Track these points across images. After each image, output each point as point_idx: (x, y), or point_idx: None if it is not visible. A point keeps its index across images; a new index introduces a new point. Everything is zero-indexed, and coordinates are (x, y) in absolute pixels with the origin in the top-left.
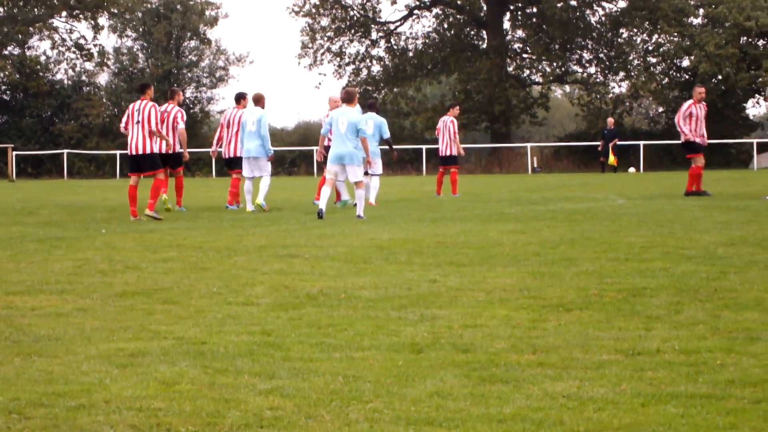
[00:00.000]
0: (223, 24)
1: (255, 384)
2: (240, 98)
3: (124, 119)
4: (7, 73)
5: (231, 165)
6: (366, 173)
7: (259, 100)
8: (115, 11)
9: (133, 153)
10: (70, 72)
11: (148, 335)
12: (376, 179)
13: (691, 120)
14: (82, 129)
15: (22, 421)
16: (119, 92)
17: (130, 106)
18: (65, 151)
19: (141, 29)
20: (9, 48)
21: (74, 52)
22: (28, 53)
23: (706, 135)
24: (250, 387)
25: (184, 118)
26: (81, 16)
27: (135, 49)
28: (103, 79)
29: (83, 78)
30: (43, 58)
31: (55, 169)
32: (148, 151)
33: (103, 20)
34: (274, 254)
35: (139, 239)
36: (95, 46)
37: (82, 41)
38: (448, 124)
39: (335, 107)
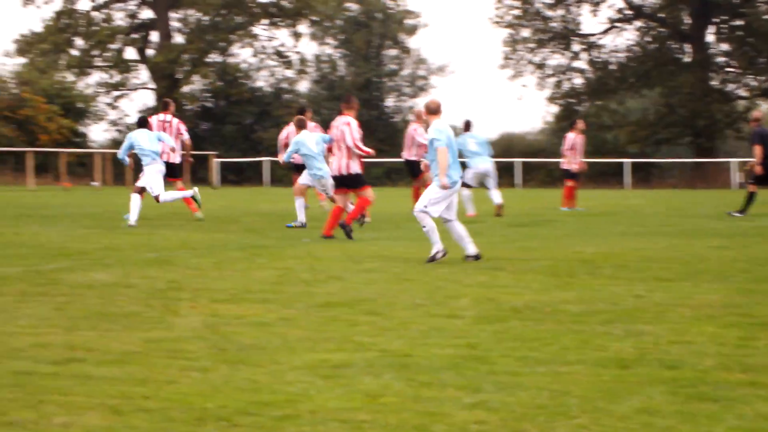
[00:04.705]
0: (423, 33)
1: (460, 397)
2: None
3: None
4: (210, 80)
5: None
6: None
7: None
8: (316, 19)
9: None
10: (271, 79)
11: (351, 346)
12: None
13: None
14: None
15: (230, 428)
16: (319, 100)
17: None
18: (265, 158)
19: (341, 37)
20: (212, 56)
21: (275, 60)
22: (229, 61)
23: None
24: (455, 400)
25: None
26: (281, 23)
27: (335, 57)
28: (303, 86)
29: (284, 85)
30: (244, 65)
31: (256, 177)
32: (344, 172)
33: (303, 28)
34: (477, 267)
35: (342, 249)
36: (295, 53)
37: (282, 49)
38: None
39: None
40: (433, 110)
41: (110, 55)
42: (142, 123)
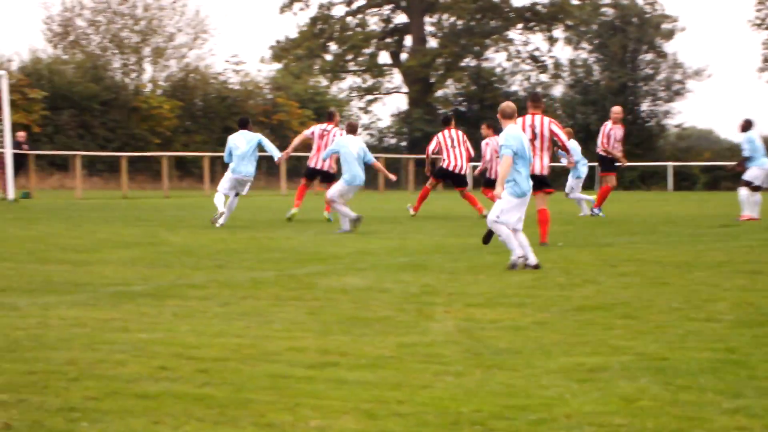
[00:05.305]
0: (679, 37)
1: (720, 402)
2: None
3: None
4: (463, 84)
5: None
6: None
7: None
8: (571, 23)
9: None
10: (525, 84)
11: (607, 350)
12: None
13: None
14: None
15: None
16: (574, 104)
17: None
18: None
19: (596, 41)
20: (465, 60)
21: (529, 64)
22: (484, 65)
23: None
24: (714, 405)
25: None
26: (536, 28)
27: (590, 62)
28: (557, 91)
29: (538, 90)
30: (498, 69)
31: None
32: (545, 172)
33: (558, 32)
34: (736, 270)
35: (596, 253)
36: (550, 57)
37: (536, 53)
38: None
39: None
40: (508, 114)
41: (364, 60)
42: (244, 123)
